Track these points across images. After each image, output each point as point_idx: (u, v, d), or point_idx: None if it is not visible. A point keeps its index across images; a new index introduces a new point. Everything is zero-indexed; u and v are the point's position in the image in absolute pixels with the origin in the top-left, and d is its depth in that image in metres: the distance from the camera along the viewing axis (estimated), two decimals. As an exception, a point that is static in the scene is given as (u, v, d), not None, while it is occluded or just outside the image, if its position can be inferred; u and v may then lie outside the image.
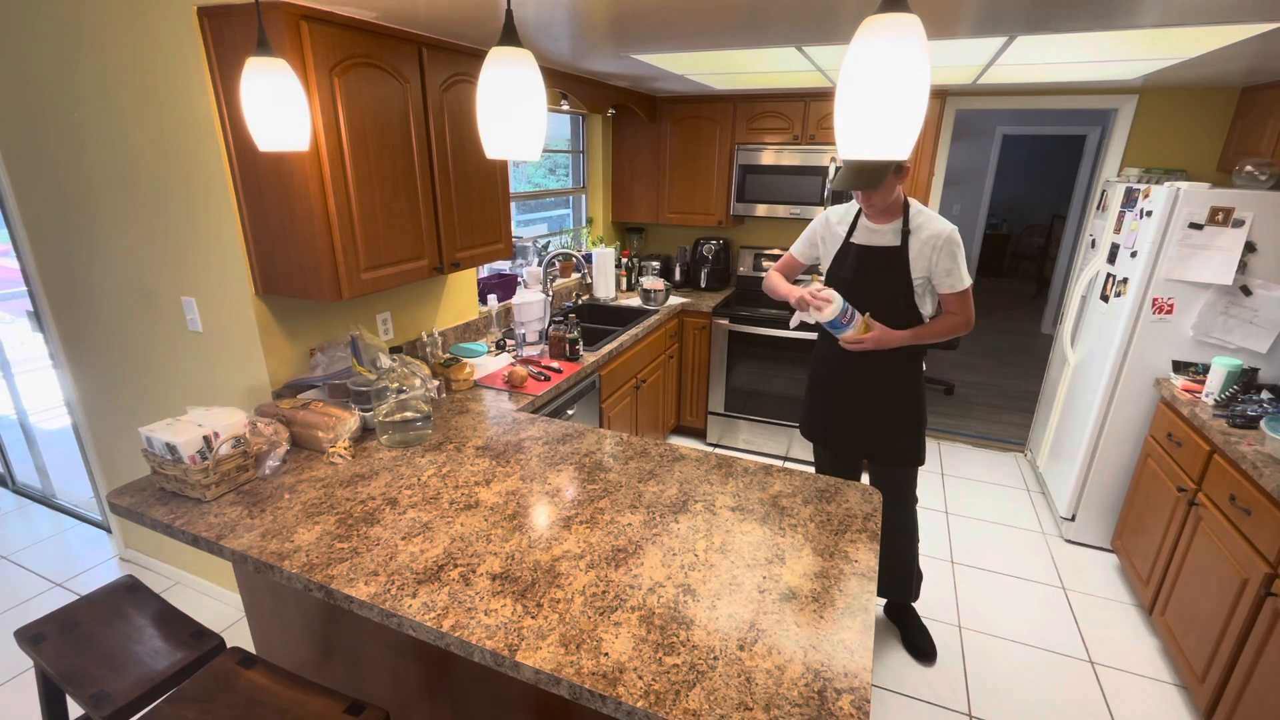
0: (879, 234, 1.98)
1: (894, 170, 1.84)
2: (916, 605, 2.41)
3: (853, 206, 2.07)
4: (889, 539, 2.21)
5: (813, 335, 3.29)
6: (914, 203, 1.96)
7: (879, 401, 2.07)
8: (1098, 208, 3.18)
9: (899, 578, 2.27)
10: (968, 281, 1.94)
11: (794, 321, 2.11)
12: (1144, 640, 2.32)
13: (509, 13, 1.18)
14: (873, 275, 1.99)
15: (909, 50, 0.86)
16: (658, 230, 4.34)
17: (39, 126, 2.03)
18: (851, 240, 2.05)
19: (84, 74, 1.85)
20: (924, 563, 2.71)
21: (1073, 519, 2.86)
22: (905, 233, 1.93)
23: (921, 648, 2.24)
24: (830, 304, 1.88)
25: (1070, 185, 6.61)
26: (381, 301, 2.30)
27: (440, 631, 1.11)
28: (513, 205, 2.85)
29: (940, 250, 1.90)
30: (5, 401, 3.17)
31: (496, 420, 2.00)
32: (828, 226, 2.13)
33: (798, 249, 2.23)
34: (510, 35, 1.17)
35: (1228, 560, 1.89)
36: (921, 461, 2.11)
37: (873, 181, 1.83)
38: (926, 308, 1.99)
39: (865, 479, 2.27)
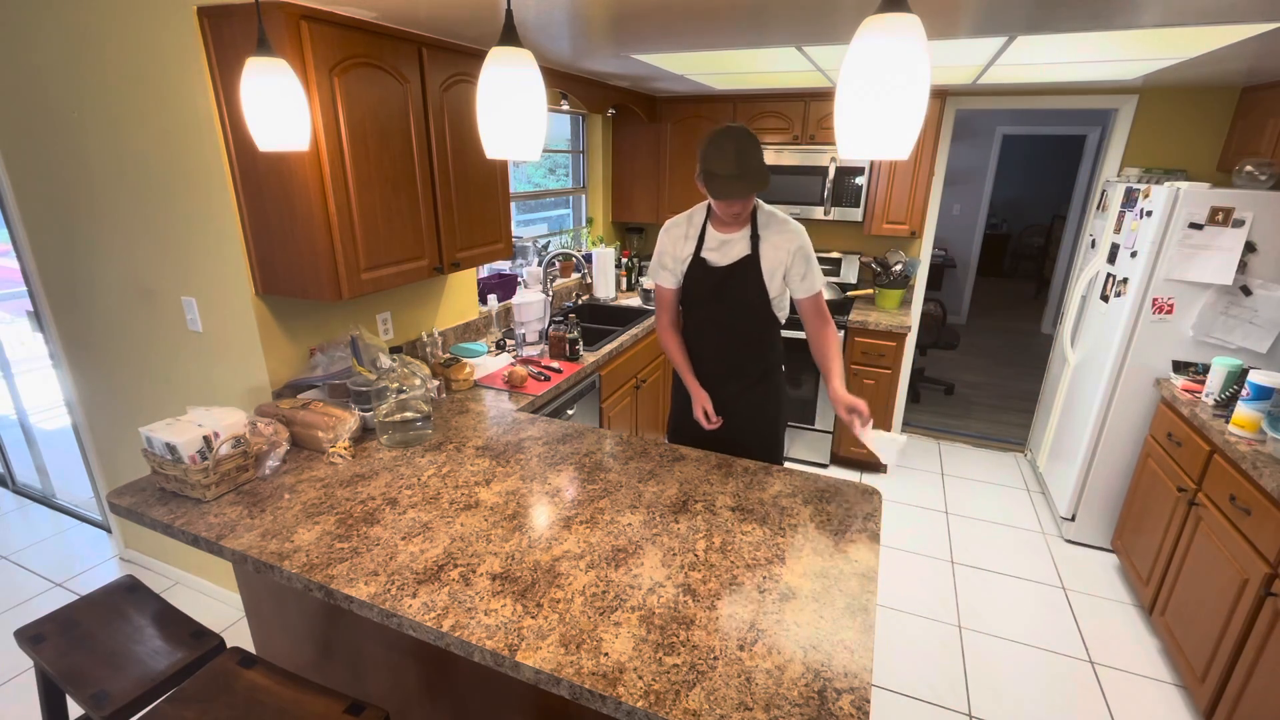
0: (731, 245, 1.79)
1: None
2: (918, 605, 2.40)
3: (692, 218, 1.85)
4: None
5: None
6: (758, 202, 1.79)
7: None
8: (1098, 208, 3.18)
9: None
10: (823, 280, 1.82)
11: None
12: (1144, 640, 2.32)
13: (509, 13, 1.18)
14: (732, 294, 1.81)
15: (909, 50, 0.86)
16: (657, 230, 4.33)
17: (39, 126, 2.03)
18: (704, 258, 1.82)
19: (84, 74, 1.85)
20: (923, 562, 2.71)
21: (1073, 519, 2.86)
22: (755, 237, 1.77)
23: None
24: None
25: (1070, 185, 6.61)
26: (381, 301, 2.30)
27: (440, 631, 1.11)
28: (513, 205, 2.85)
29: (795, 254, 1.76)
30: (5, 401, 3.17)
31: (496, 420, 2.00)
32: (673, 244, 1.87)
33: (666, 280, 1.92)
34: (510, 35, 1.17)
35: (1228, 560, 1.89)
36: None
37: (764, 180, 1.60)
38: (784, 311, 1.89)
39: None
